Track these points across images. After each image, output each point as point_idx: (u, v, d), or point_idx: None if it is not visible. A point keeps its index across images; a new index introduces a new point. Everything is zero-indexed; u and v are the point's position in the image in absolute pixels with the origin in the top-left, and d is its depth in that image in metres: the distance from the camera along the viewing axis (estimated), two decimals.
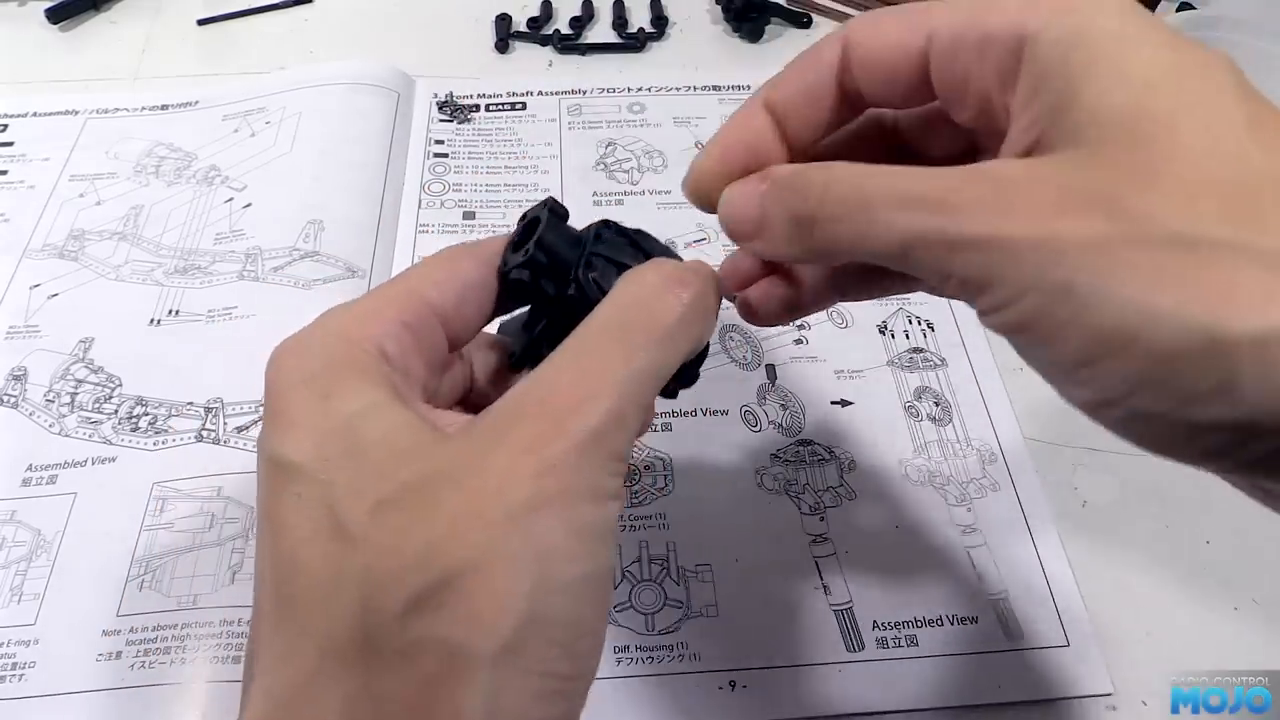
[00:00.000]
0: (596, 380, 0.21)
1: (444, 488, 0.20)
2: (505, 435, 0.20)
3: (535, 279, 0.24)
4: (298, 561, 0.20)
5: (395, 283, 0.24)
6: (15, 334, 0.44)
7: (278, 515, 0.21)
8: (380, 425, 0.21)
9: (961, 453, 0.41)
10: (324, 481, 0.20)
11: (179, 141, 0.54)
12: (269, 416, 0.22)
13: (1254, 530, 0.39)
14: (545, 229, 0.25)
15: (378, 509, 0.20)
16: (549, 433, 0.20)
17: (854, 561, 0.37)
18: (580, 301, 0.24)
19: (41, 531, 0.37)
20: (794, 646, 0.35)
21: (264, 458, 0.22)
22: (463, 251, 0.25)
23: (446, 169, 0.53)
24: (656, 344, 0.22)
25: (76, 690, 0.33)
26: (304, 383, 0.22)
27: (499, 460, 0.20)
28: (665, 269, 0.24)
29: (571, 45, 0.60)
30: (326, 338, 0.23)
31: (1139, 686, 0.35)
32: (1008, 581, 0.37)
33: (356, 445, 0.21)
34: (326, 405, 0.21)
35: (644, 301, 0.23)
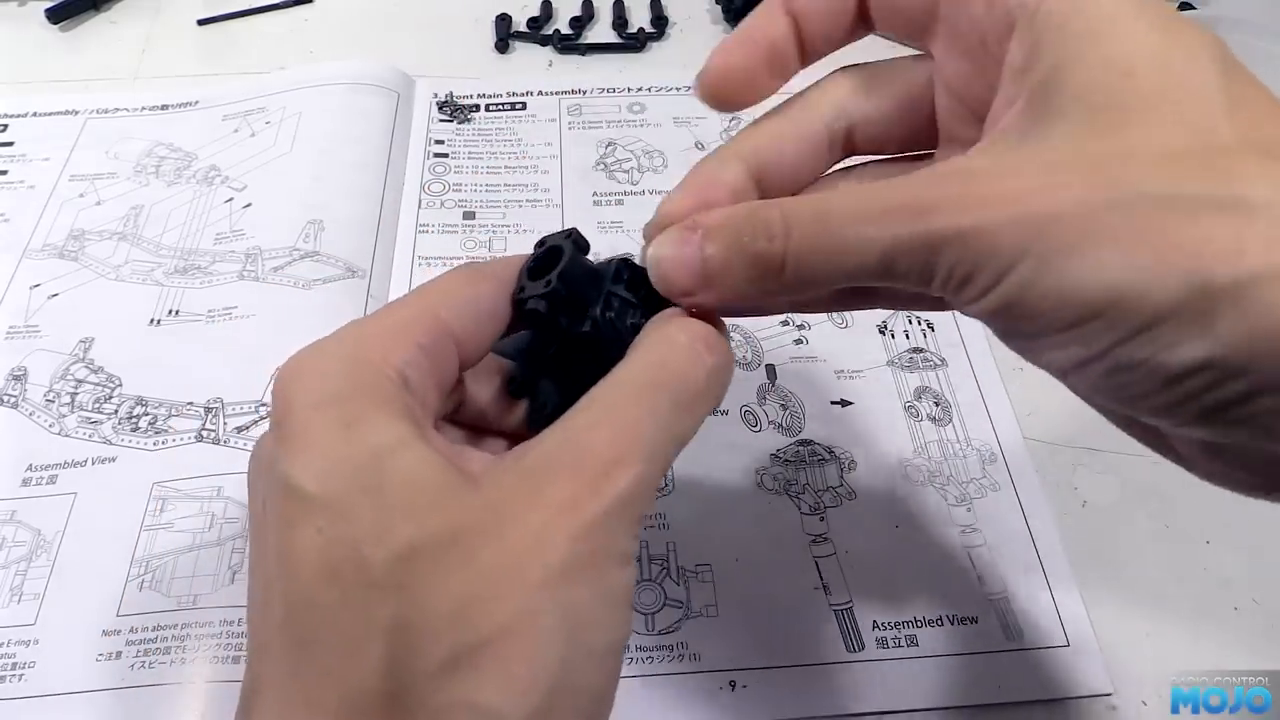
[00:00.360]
0: (630, 442, 0.21)
1: (480, 541, 0.19)
2: (541, 490, 0.20)
3: (552, 311, 0.24)
4: (317, 602, 0.19)
5: (413, 301, 0.24)
6: (15, 334, 0.44)
7: (292, 547, 0.20)
8: (408, 464, 0.20)
9: (961, 453, 0.41)
10: (347, 518, 0.19)
11: (179, 141, 0.54)
12: (283, 436, 0.21)
13: (1254, 530, 0.39)
14: (568, 262, 0.24)
15: (410, 556, 0.19)
16: (585, 493, 0.20)
17: (854, 561, 0.37)
18: (592, 340, 0.24)
19: (41, 531, 0.37)
20: (794, 646, 0.35)
21: (276, 480, 0.20)
22: (480, 273, 0.25)
23: (446, 169, 0.53)
24: (685, 408, 0.22)
25: (76, 690, 0.33)
26: (324, 406, 0.21)
27: (536, 517, 0.20)
28: (693, 329, 0.23)
29: (571, 45, 0.60)
30: (347, 358, 0.22)
31: (1139, 686, 0.35)
32: (1008, 581, 0.37)
33: (383, 483, 0.20)
34: (350, 435, 0.20)
35: (674, 363, 0.22)
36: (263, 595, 0.21)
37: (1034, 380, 0.44)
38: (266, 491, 0.21)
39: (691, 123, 0.55)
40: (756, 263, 0.22)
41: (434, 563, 0.19)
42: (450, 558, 0.19)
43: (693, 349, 0.23)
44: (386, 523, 0.19)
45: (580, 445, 0.21)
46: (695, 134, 0.55)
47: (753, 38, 0.25)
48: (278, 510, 0.20)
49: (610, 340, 0.24)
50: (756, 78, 0.25)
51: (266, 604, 0.21)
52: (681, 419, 0.22)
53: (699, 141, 0.54)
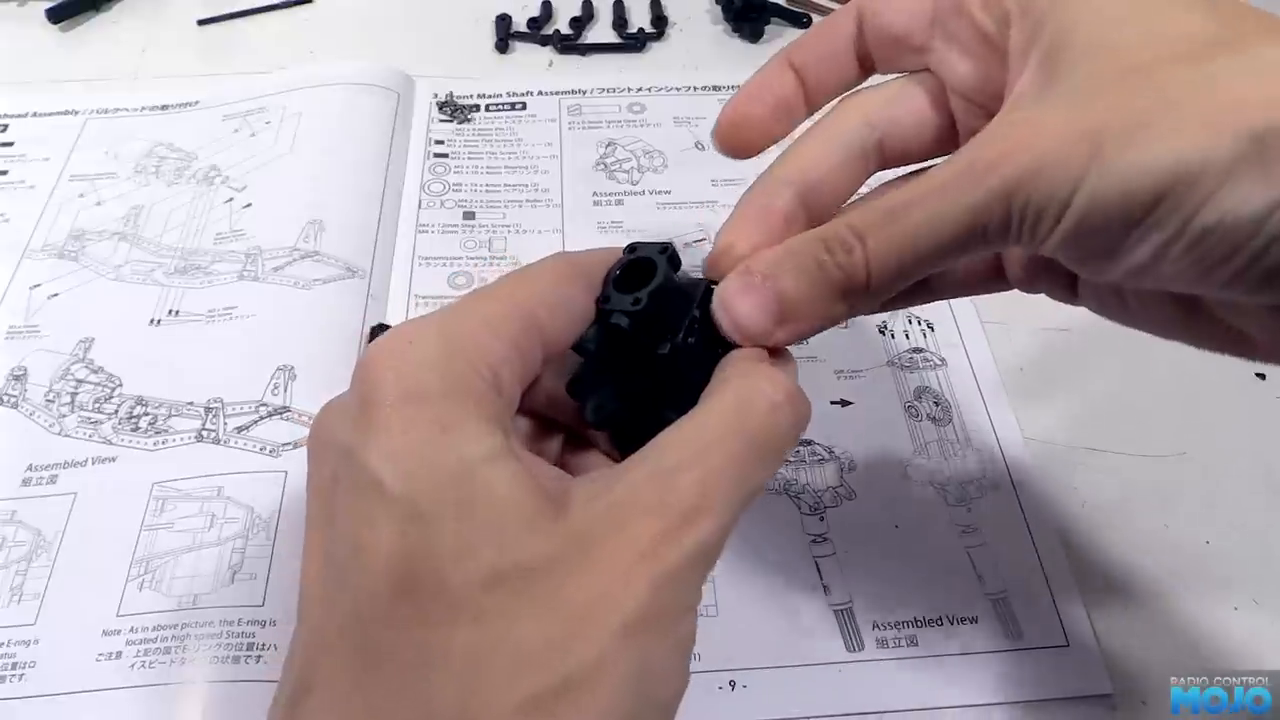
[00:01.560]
0: (714, 491, 0.20)
1: (564, 577, 0.19)
2: (626, 530, 0.20)
3: (635, 329, 0.24)
4: (389, 612, 0.19)
5: (508, 294, 0.23)
6: (15, 334, 0.44)
7: (370, 544, 0.19)
8: (498, 481, 0.20)
9: (961, 453, 0.41)
10: (433, 530, 0.19)
11: (179, 141, 0.54)
12: (371, 424, 0.20)
13: (1254, 530, 0.39)
14: (664, 280, 0.24)
15: (493, 583, 0.19)
16: (666, 540, 0.19)
17: (854, 561, 0.37)
18: (668, 364, 0.24)
19: (41, 531, 0.37)
20: (794, 646, 0.35)
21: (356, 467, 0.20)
22: (574, 269, 0.24)
23: (446, 169, 0.53)
24: (765, 461, 0.22)
25: (76, 690, 0.33)
26: (419, 401, 0.20)
27: (621, 559, 0.19)
28: (782, 382, 0.23)
29: (571, 45, 0.60)
30: (446, 351, 0.21)
31: (1139, 686, 0.35)
32: (1008, 581, 0.37)
33: (473, 499, 0.19)
34: (445, 439, 0.20)
35: (760, 413, 0.22)
36: (329, 586, 0.20)
37: (1034, 380, 0.44)
38: (343, 474, 0.20)
39: (691, 123, 0.55)
40: (837, 281, 0.22)
41: (515, 594, 0.19)
42: (533, 591, 0.19)
43: (778, 401, 0.22)
44: (473, 543, 0.19)
45: (667, 487, 0.20)
46: (695, 134, 0.55)
47: (759, 94, 0.27)
48: (356, 502, 0.20)
49: (686, 366, 0.24)
50: (766, 127, 0.27)
51: (331, 599, 0.20)
52: (760, 472, 0.22)
53: (699, 141, 0.54)
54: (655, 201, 0.51)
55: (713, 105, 0.56)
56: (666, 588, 0.19)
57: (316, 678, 0.20)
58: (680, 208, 0.51)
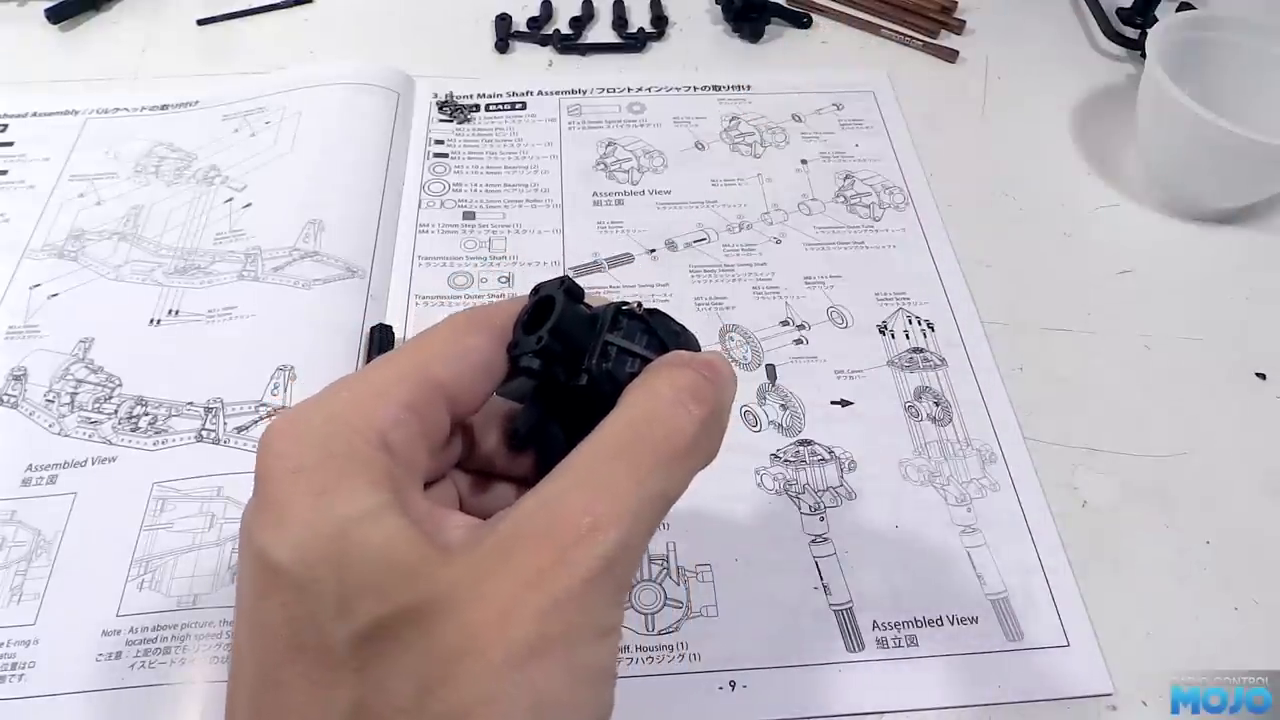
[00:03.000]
0: (606, 505, 0.20)
1: (443, 616, 0.18)
2: (508, 561, 0.19)
3: (546, 366, 0.23)
4: (281, 677, 0.19)
5: (402, 358, 0.23)
6: (15, 334, 0.44)
7: (260, 618, 0.19)
8: (377, 535, 0.19)
9: (961, 453, 0.41)
10: (312, 592, 0.19)
11: (179, 141, 0.54)
12: (258, 502, 0.20)
13: (1254, 530, 0.39)
14: (560, 316, 0.23)
15: (371, 634, 0.18)
16: (556, 564, 0.19)
17: (854, 561, 0.37)
18: (591, 392, 0.23)
19: (41, 531, 0.37)
20: (794, 646, 0.35)
21: (250, 548, 0.20)
22: (473, 323, 0.24)
23: (446, 169, 0.53)
24: (669, 465, 0.21)
25: (76, 690, 0.33)
26: (298, 473, 0.20)
27: (502, 591, 0.18)
28: (679, 379, 0.22)
29: (571, 45, 0.60)
30: (327, 423, 0.21)
31: (1139, 686, 0.35)
32: (1008, 581, 0.37)
33: (350, 556, 0.19)
34: (320, 504, 0.19)
35: (657, 417, 0.21)
36: (236, 658, 0.20)
37: (1034, 380, 0.44)
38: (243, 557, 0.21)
39: (691, 123, 0.55)
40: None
41: (395, 641, 0.18)
42: (411, 636, 0.18)
43: (677, 401, 0.22)
44: (349, 599, 0.19)
45: (553, 511, 0.20)
46: (695, 134, 0.55)
47: None
48: (250, 580, 0.20)
49: (610, 390, 0.23)
50: None
51: (240, 666, 0.20)
52: (668, 476, 0.21)
53: (699, 141, 0.54)
54: (655, 201, 0.51)
55: (713, 105, 0.56)
56: (554, 614, 0.18)
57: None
58: (680, 207, 0.51)
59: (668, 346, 0.24)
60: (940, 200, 0.51)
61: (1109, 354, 0.45)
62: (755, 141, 0.54)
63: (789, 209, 0.51)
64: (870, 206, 0.51)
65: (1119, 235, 0.51)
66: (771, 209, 0.51)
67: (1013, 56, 0.61)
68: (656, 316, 0.25)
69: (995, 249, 0.49)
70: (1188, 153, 0.49)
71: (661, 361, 0.23)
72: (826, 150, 0.54)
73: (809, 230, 0.50)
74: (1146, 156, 0.53)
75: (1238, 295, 0.48)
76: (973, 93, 0.58)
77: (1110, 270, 0.49)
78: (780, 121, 0.56)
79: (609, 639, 0.20)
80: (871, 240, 0.49)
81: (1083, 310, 0.47)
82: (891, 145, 0.54)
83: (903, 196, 0.52)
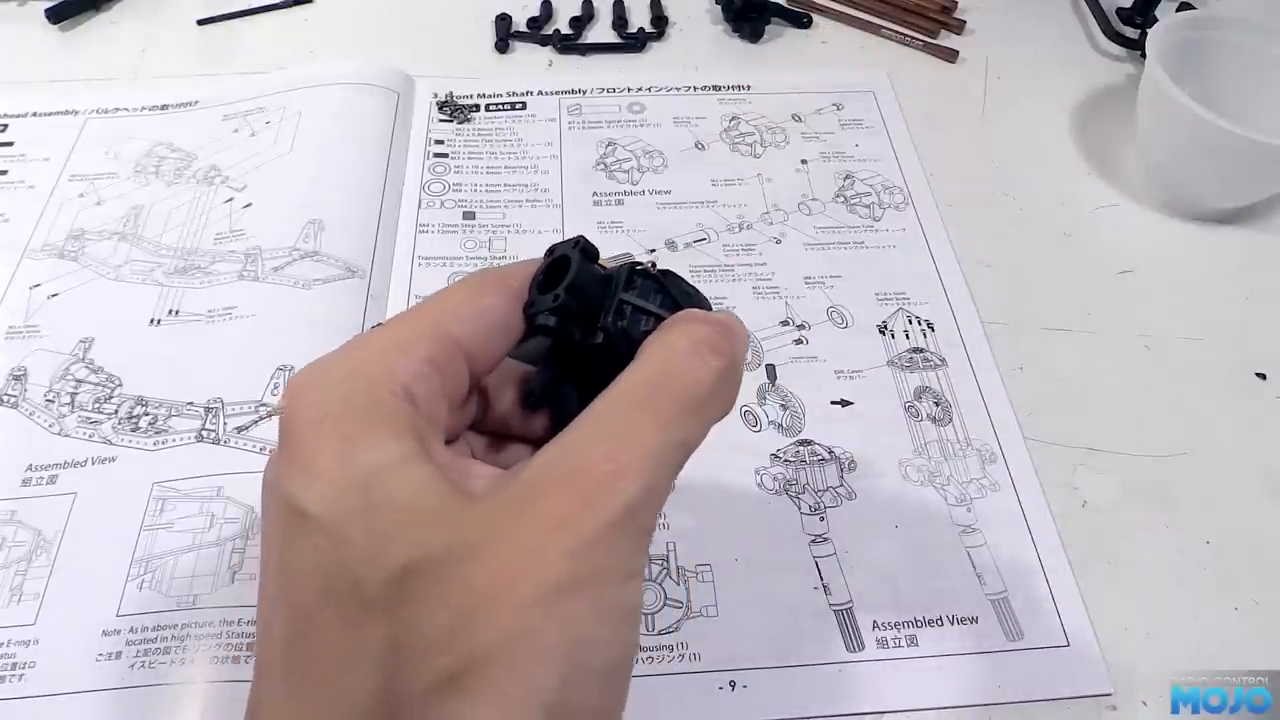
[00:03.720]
0: (629, 453, 0.20)
1: (473, 559, 0.19)
2: (536, 505, 0.19)
3: (563, 324, 0.24)
4: (312, 623, 0.19)
5: (421, 314, 0.23)
6: (15, 334, 0.44)
7: (290, 566, 0.20)
8: (405, 483, 0.20)
9: (961, 453, 0.41)
10: (343, 538, 0.19)
11: (179, 141, 0.54)
12: (285, 452, 0.21)
13: (1254, 530, 0.39)
14: (576, 273, 0.24)
15: (402, 576, 0.19)
16: (582, 508, 0.19)
17: (854, 561, 0.37)
18: (606, 350, 0.24)
19: (41, 531, 0.37)
20: (794, 646, 0.35)
21: (277, 497, 0.20)
22: (489, 283, 0.24)
23: (446, 169, 0.53)
24: (688, 415, 0.22)
25: (76, 690, 0.33)
26: (326, 422, 0.20)
27: (530, 533, 0.19)
28: (696, 332, 0.23)
29: (571, 45, 0.60)
30: (352, 374, 0.21)
31: (1139, 686, 0.35)
32: (1008, 581, 0.37)
33: (379, 502, 0.19)
34: (349, 453, 0.20)
35: (675, 369, 0.22)
36: (266, 614, 0.21)
37: (1034, 380, 0.44)
38: (270, 508, 0.21)
39: (691, 123, 0.55)
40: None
41: (427, 582, 0.19)
42: (443, 577, 0.19)
43: (695, 352, 0.22)
44: (380, 543, 0.19)
45: (577, 458, 0.20)
46: (695, 134, 0.55)
47: None
48: (279, 528, 0.20)
49: (625, 349, 0.23)
50: None
51: (269, 624, 0.20)
52: (687, 425, 0.22)
53: (699, 141, 0.54)
54: (655, 201, 0.51)
55: (713, 105, 0.56)
56: (585, 553, 0.19)
57: (262, 700, 0.20)
58: (680, 207, 0.51)
59: (681, 305, 0.25)
60: (940, 200, 0.51)
61: (1109, 354, 0.45)
62: (755, 141, 0.54)
63: (789, 209, 0.51)
64: (870, 206, 0.51)
65: (1119, 235, 0.51)
66: (771, 209, 0.51)
67: (1013, 56, 0.61)
68: (669, 277, 0.26)
69: (995, 249, 0.49)
70: (1188, 153, 0.49)
71: (677, 317, 0.24)
72: (826, 150, 0.54)
73: (809, 230, 0.50)
74: (1146, 156, 0.53)
75: (1238, 295, 0.48)
76: (973, 93, 0.58)
77: (1110, 270, 0.49)
78: (780, 121, 0.56)
79: (634, 581, 0.20)
80: (871, 240, 0.49)
81: (1083, 310, 0.47)
82: (891, 145, 0.54)
83: (903, 196, 0.52)
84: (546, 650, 0.18)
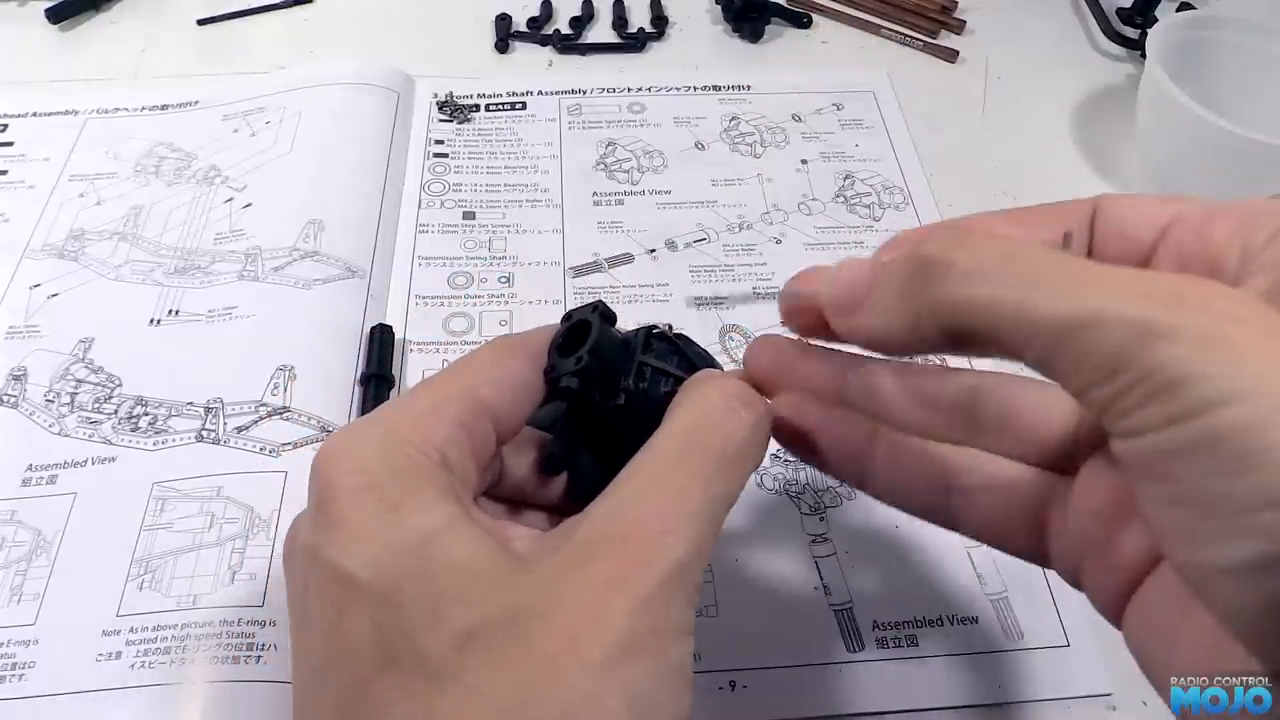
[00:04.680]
0: (676, 510, 0.20)
1: (535, 622, 0.19)
2: (591, 566, 0.20)
3: (585, 387, 0.24)
4: (372, 695, 0.19)
5: (450, 379, 0.23)
6: (15, 334, 0.44)
7: (343, 635, 0.19)
8: (458, 546, 0.20)
9: None
10: (400, 606, 0.19)
11: (179, 141, 0.54)
12: (326, 521, 0.20)
13: None
14: (598, 336, 0.24)
15: (465, 644, 0.19)
16: (636, 567, 0.19)
17: (854, 561, 0.37)
18: (627, 411, 0.24)
19: (41, 531, 0.37)
20: (794, 646, 0.35)
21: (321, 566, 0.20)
22: (514, 347, 0.25)
23: (446, 169, 0.53)
24: (728, 468, 0.22)
25: (76, 690, 0.33)
26: (367, 489, 0.20)
27: (589, 595, 0.19)
28: (726, 386, 0.23)
29: (571, 45, 0.60)
30: (388, 439, 0.21)
31: (1139, 686, 0.34)
32: (1008, 581, 0.37)
33: (435, 566, 0.19)
34: (397, 518, 0.20)
35: (711, 424, 0.22)
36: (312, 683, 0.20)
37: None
38: (310, 576, 0.21)
39: (691, 123, 0.55)
40: (917, 291, 0.20)
41: (491, 650, 0.19)
42: (507, 643, 0.19)
43: (728, 407, 0.22)
44: (440, 610, 0.19)
45: (628, 518, 0.20)
46: (695, 134, 0.55)
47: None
48: (326, 598, 0.20)
49: (645, 411, 0.24)
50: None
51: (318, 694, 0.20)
52: (726, 480, 0.22)
53: (699, 141, 0.54)
54: (655, 201, 0.51)
55: (713, 105, 0.56)
56: (642, 614, 0.19)
57: None
58: (680, 207, 0.51)
59: (697, 366, 0.25)
60: (940, 200, 0.51)
61: None
62: (755, 141, 0.54)
63: (789, 209, 0.51)
64: (870, 206, 0.51)
65: None
66: (771, 209, 0.51)
67: (1013, 56, 0.61)
68: (684, 340, 0.26)
69: None
70: (1188, 153, 0.49)
71: (703, 375, 0.24)
72: (826, 150, 0.54)
73: (809, 230, 0.50)
74: (1146, 156, 0.53)
75: None
76: (973, 93, 0.58)
77: None
78: (780, 121, 0.56)
79: (687, 639, 0.20)
80: (871, 240, 0.49)
81: None
82: (891, 145, 0.54)
83: (903, 196, 0.52)
84: (616, 713, 0.18)
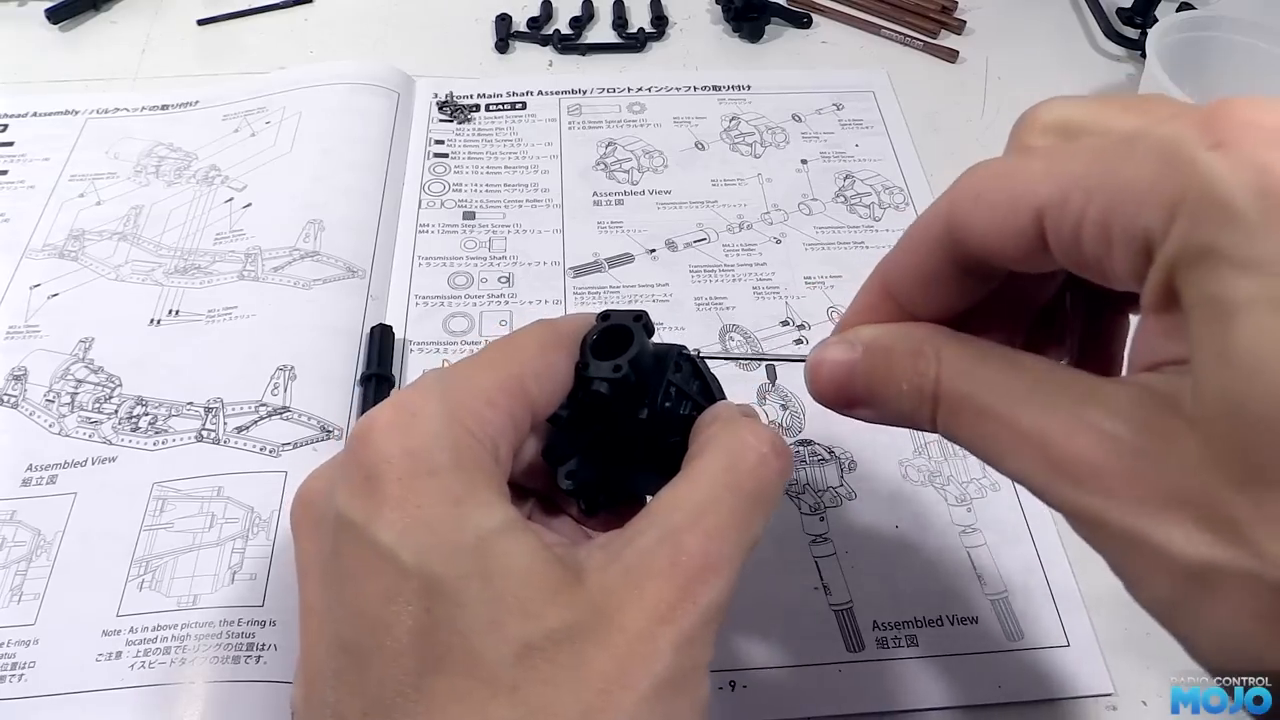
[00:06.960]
0: (720, 548, 0.21)
1: (589, 645, 0.19)
2: (639, 593, 0.20)
3: (614, 395, 0.24)
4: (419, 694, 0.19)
5: (499, 363, 0.23)
6: (15, 334, 0.44)
7: (386, 623, 0.19)
8: (518, 553, 0.20)
9: (961, 453, 0.41)
10: (458, 604, 0.19)
11: (179, 141, 0.54)
12: (377, 499, 0.20)
13: None
14: (640, 350, 0.24)
15: (523, 655, 0.19)
16: (683, 602, 0.20)
17: (854, 561, 0.37)
18: (644, 425, 0.24)
19: (41, 531, 0.37)
20: (794, 646, 0.35)
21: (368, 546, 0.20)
22: (558, 339, 0.24)
23: (446, 169, 0.53)
24: (762, 512, 0.22)
25: (76, 690, 0.33)
26: (429, 475, 0.20)
27: (638, 623, 0.19)
28: (764, 434, 0.23)
29: (571, 45, 0.60)
30: (451, 424, 0.21)
31: (1139, 686, 0.35)
32: (1008, 581, 0.37)
33: (496, 570, 0.19)
34: (459, 514, 0.20)
35: (748, 467, 0.22)
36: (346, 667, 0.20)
37: None
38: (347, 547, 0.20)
39: (691, 123, 0.55)
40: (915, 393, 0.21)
41: (547, 664, 0.19)
42: (562, 659, 0.19)
43: (764, 452, 0.23)
44: (499, 616, 0.19)
45: (677, 547, 0.21)
46: (695, 134, 0.55)
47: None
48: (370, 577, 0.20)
49: (661, 428, 0.24)
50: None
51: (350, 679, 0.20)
52: (757, 524, 0.22)
53: (699, 141, 0.54)
54: (655, 201, 0.51)
55: (713, 105, 0.56)
56: (687, 648, 0.20)
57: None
58: (680, 207, 0.51)
59: (713, 395, 0.26)
60: None
61: None
62: (755, 141, 0.54)
63: (789, 209, 0.51)
64: (870, 206, 0.51)
65: None
66: (771, 209, 0.51)
67: (1013, 56, 0.61)
68: (707, 366, 0.27)
69: None
70: None
71: (730, 411, 0.24)
72: (826, 150, 0.54)
73: (809, 230, 0.50)
74: None
75: None
76: (973, 93, 0.58)
77: None
78: (780, 121, 0.56)
79: (707, 673, 0.21)
80: (871, 240, 0.49)
81: None
82: (891, 145, 0.54)
83: (903, 196, 0.52)
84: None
